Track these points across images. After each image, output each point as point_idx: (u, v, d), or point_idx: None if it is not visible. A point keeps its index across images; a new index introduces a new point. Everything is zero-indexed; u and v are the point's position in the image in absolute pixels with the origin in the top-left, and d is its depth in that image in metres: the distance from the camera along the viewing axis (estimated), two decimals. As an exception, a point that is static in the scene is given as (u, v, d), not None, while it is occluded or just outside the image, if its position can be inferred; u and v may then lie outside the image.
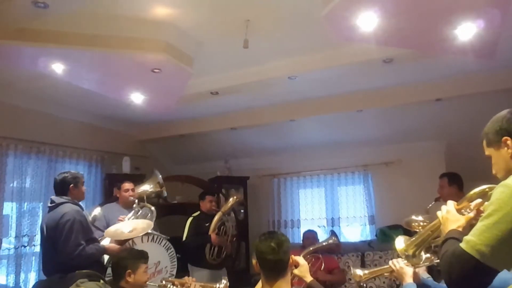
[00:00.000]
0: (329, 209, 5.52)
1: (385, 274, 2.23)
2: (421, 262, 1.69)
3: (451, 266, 1.11)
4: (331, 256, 4.17)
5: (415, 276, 2.02)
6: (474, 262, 1.05)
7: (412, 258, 1.58)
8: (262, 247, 1.82)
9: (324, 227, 5.50)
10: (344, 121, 4.88)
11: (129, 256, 2.57)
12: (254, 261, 1.91)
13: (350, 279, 4.45)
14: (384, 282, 4.34)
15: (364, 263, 4.52)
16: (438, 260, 2.11)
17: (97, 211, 3.58)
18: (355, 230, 5.53)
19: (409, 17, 2.54)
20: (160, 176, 3.93)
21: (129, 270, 2.47)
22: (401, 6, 2.43)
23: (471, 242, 1.08)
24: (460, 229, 1.27)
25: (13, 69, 3.47)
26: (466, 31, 2.61)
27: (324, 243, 3.90)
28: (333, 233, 4.01)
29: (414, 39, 2.86)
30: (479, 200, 1.34)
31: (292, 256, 1.98)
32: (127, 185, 3.74)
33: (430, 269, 2.35)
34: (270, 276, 1.81)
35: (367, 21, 2.51)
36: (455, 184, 3.50)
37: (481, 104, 4.22)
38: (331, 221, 5.46)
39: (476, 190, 1.37)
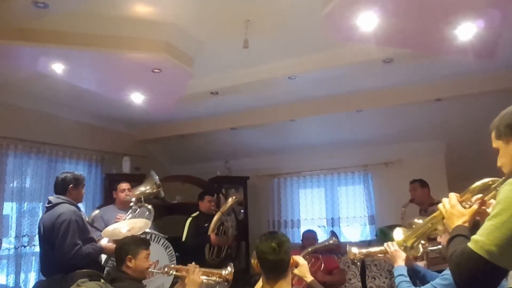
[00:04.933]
0: (329, 209, 5.51)
1: (378, 255, 2.30)
2: (419, 254, 1.72)
3: (460, 266, 1.09)
4: (331, 256, 4.16)
5: (407, 260, 2.08)
6: (484, 263, 1.04)
7: (410, 250, 1.60)
8: (263, 247, 1.80)
9: (324, 227, 5.49)
10: (344, 121, 4.88)
11: (130, 242, 2.60)
12: (254, 261, 1.89)
13: (350, 279, 4.46)
14: (384, 282, 4.34)
15: (364, 263, 4.52)
16: (432, 247, 2.18)
17: (95, 213, 3.60)
18: (355, 230, 5.52)
19: (409, 17, 2.54)
20: (157, 177, 3.91)
21: (129, 256, 2.49)
22: (401, 6, 2.43)
23: (479, 242, 1.06)
24: (466, 224, 1.26)
25: (13, 69, 3.46)
26: (466, 31, 2.61)
27: (324, 244, 3.90)
28: (333, 234, 4.02)
29: (414, 39, 2.86)
30: (479, 195, 1.33)
31: (293, 256, 1.97)
32: (123, 185, 3.76)
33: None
34: (271, 276, 1.80)
35: (367, 21, 2.51)
36: (426, 187, 3.82)
37: (481, 104, 4.22)
38: (331, 221, 5.46)
39: (479, 183, 1.36)
